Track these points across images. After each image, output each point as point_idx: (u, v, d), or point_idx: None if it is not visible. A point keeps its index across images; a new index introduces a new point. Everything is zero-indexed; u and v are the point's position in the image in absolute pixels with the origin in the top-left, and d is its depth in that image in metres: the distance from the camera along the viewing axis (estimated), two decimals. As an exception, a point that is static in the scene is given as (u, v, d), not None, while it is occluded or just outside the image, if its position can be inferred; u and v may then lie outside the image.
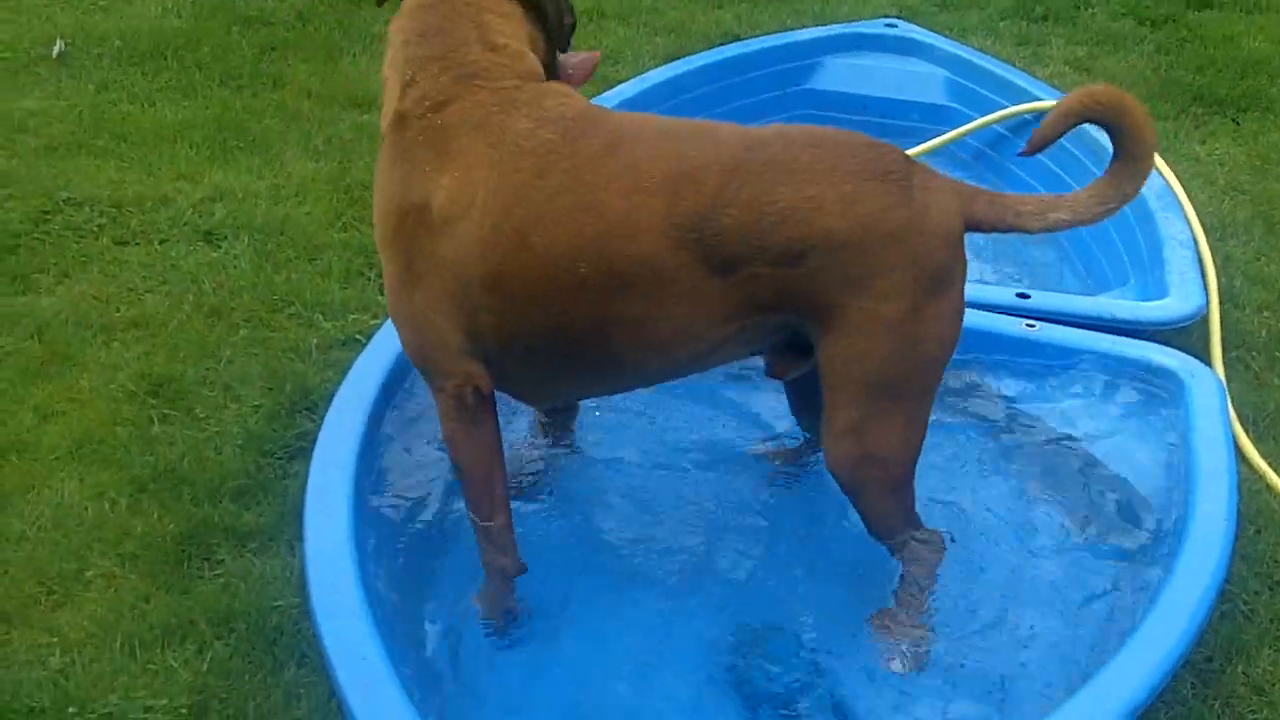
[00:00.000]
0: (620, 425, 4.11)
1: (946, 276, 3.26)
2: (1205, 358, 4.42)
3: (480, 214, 3.17)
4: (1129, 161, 3.35)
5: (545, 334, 3.26)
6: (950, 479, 3.94)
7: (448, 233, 3.20)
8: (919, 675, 3.43)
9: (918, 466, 3.44)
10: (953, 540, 3.64)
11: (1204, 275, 4.79)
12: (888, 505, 3.47)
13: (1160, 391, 4.15)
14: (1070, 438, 4.09)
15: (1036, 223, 3.37)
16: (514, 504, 3.50)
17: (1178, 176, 5.33)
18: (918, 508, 3.51)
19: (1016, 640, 3.52)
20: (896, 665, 3.45)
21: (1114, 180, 3.37)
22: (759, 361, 3.60)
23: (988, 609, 3.59)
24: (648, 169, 3.17)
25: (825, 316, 3.22)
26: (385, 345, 4.07)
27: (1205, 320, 4.63)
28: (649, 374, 3.48)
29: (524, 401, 3.73)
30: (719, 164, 3.18)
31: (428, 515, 3.80)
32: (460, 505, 3.66)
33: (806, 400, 3.76)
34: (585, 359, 3.34)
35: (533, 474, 3.94)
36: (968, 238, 3.32)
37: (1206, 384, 4.07)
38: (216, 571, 3.73)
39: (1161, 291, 4.62)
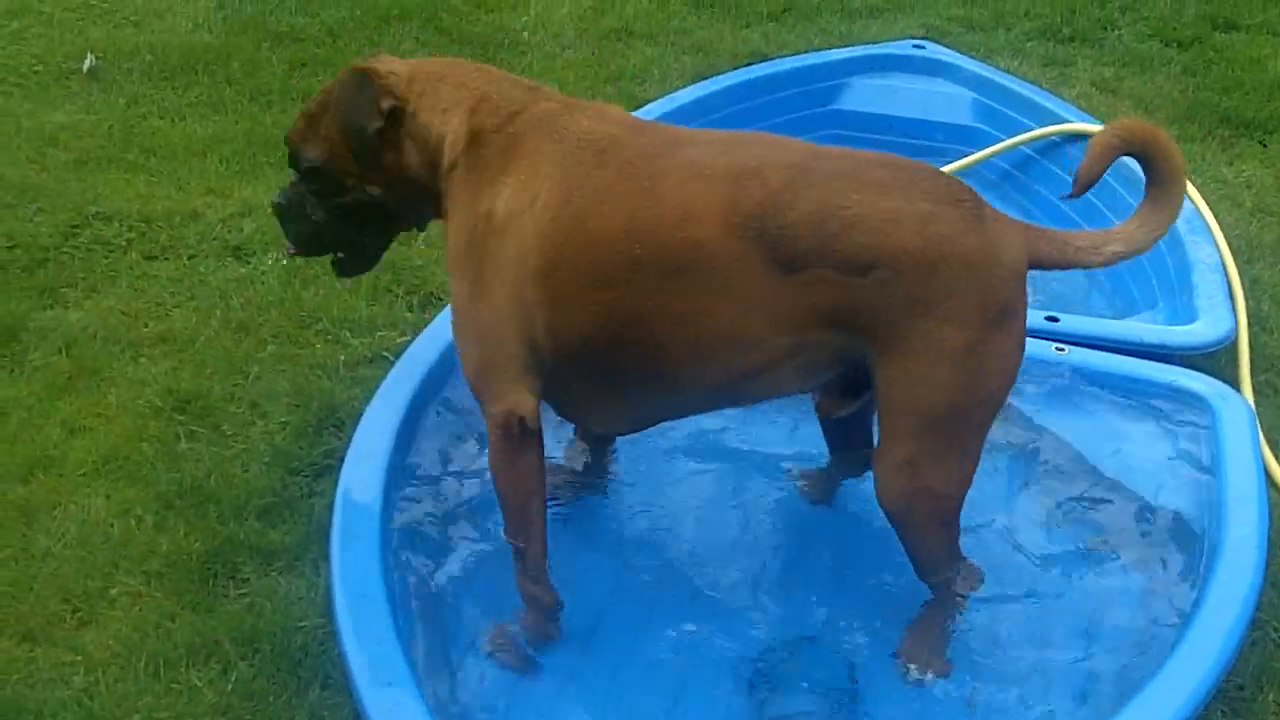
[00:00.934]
0: (645, 442, 4.09)
1: (1011, 310, 3.22)
2: (1234, 382, 4.40)
3: (541, 207, 3.22)
4: (1165, 186, 3.35)
5: (596, 330, 3.25)
6: (977, 504, 3.89)
7: (511, 230, 3.25)
8: (946, 701, 3.42)
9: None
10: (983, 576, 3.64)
11: (1233, 299, 4.77)
12: (937, 539, 3.44)
13: (1189, 416, 4.13)
14: (1099, 463, 4.06)
15: (1096, 258, 3.35)
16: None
17: (1205, 199, 5.31)
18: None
19: (1045, 668, 3.50)
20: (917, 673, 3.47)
21: (1155, 206, 3.36)
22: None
23: (1016, 636, 3.57)
24: (709, 163, 3.20)
25: (887, 339, 3.16)
26: (414, 363, 4.08)
27: (1234, 344, 4.61)
28: (699, 386, 3.39)
29: (580, 423, 3.78)
30: (785, 164, 3.18)
31: (456, 535, 3.80)
32: (490, 524, 3.67)
33: (847, 438, 3.77)
34: (635, 363, 3.31)
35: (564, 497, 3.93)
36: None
37: (1236, 408, 4.06)
38: (242, 590, 3.73)
39: (1190, 316, 4.60)
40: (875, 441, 3.37)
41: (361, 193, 3.56)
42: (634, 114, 4.00)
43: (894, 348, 3.16)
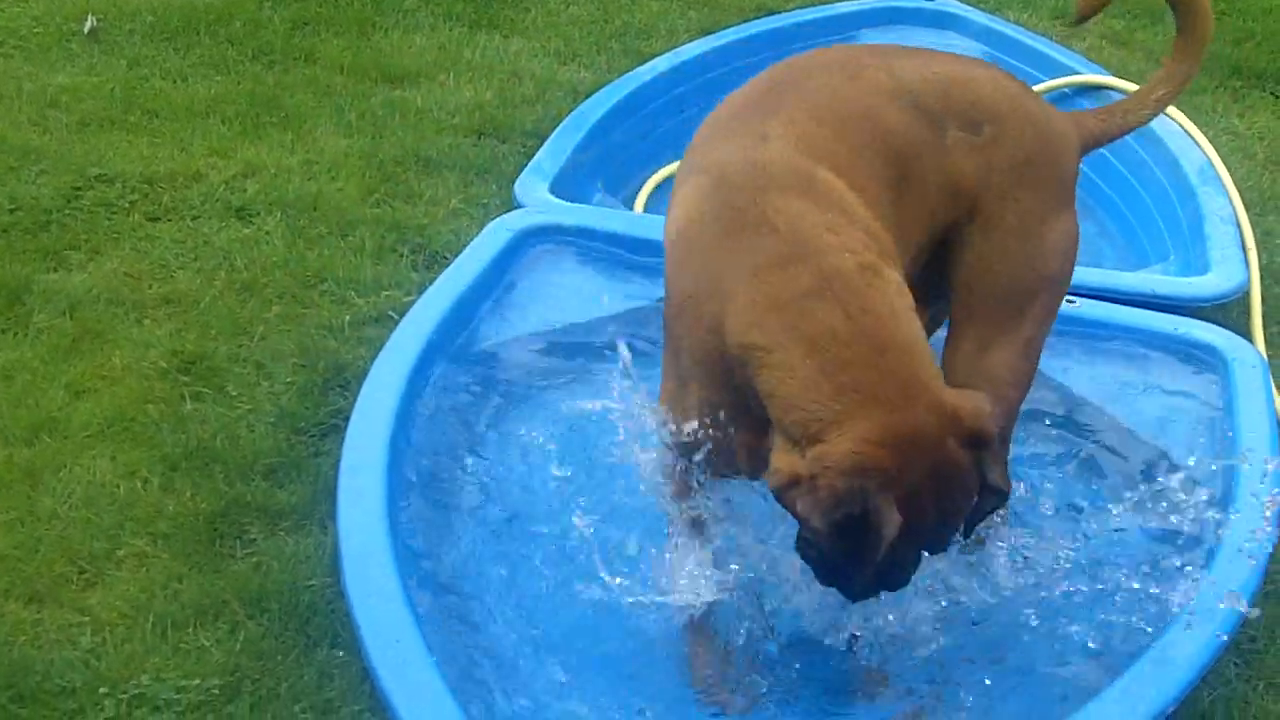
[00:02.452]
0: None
1: (1072, 194, 3.40)
2: (1246, 334, 4.38)
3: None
4: (1192, 17, 3.57)
5: None
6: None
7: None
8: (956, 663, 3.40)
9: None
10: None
11: (1245, 251, 4.74)
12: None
13: (1202, 368, 4.12)
14: (1111, 414, 4.05)
15: (1145, 111, 3.61)
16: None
17: (1217, 151, 5.28)
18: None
19: (1052, 614, 3.48)
20: None
21: (1180, 58, 3.61)
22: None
23: (1032, 584, 3.55)
24: (831, 83, 3.24)
25: (985, 209, 3.26)
26: (419, 322, 4.06)
27: (1246, 296, 4.59)
28: None
29: None
30: (865, 52, 3.51)
31: (462, 493, 3.78)
32: (494, 483, 3.65)
33: None
34: None
35: None
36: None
37: (1249, 360, 4.05)
38: (249, 550, 3.71)
39: (1203, 267, 4.58)
40: (948, 329, 3.42)
41: None
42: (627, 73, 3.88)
43: (987, 218, 3.27)
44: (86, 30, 6.28)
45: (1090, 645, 3.41)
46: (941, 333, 3.45)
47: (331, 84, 6.01)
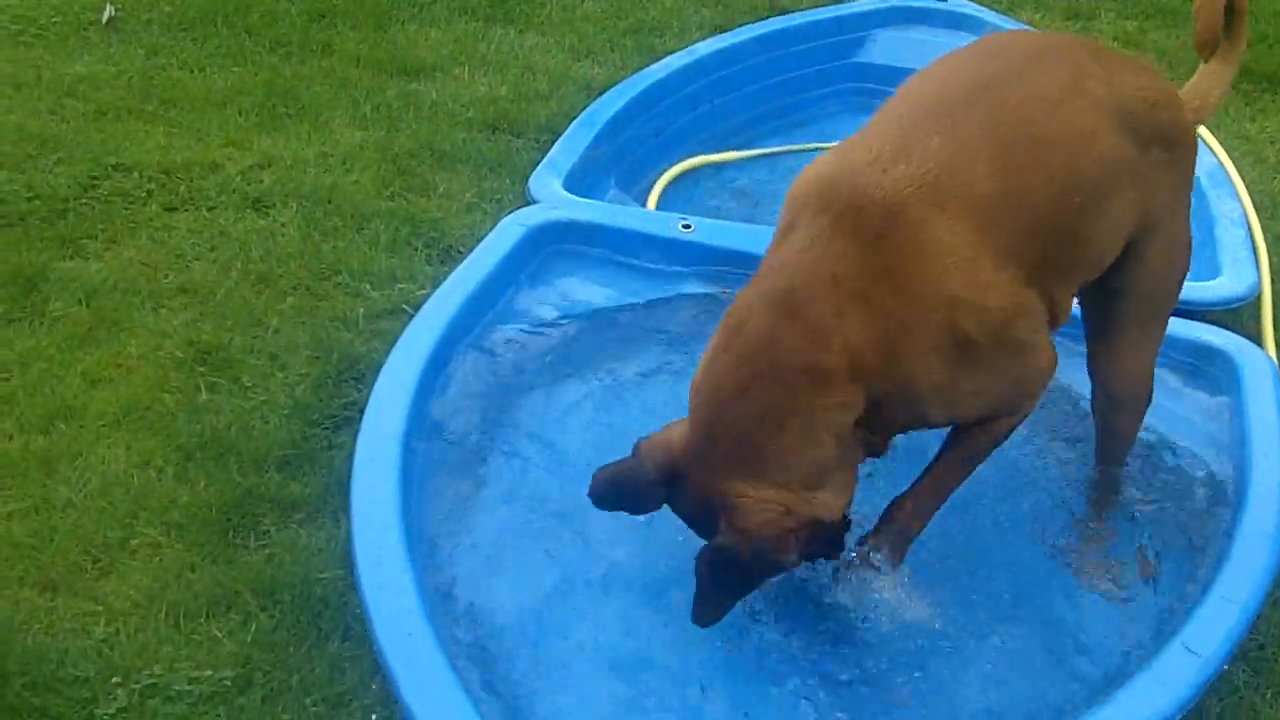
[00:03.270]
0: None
1: None
2: (1257, 338, 4.39)
3: (972, 243, 3.05)
4: (1236, 24, 3.64)
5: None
6: (1001, 458, 3.91)
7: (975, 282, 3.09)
8: (963, 643, 3.42)
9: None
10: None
11: (1256, 254, 4.75)
12: (1138, 424, 3.76)
13: (1212, 372, 4.13)
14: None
15: (1207, 111, 3.63)
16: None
17: (1228, 154, 5.29)
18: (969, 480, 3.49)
19: (1062, 623, 3.51)
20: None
21: (1231, 44, 3.66)
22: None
23: (1038, 592, 3.57)
24: (1040, 87, 3.20)
25: (1158, 221, 3.39)
26: (434, 315, 4.08)
27: (1257, 300, 4.60)
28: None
29: None
30: (1084, 53, 3.32)
31: (476, 485, 3.79)
32: (508, 475, 3.75)
33: None
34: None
35: None
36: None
37: (1259, 364, 4.06)
38: (262, 542, 3.74)
39: (1213, 271, 4.58)
40: (1106, 330, 3.59)
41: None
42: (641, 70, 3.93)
43: (1163, 231, 3.42)
44: (104, 20, 6.30)
45: (1090, 650, 3.43)
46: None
47: (348, 76, 6.03)
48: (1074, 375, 3.82)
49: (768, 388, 3.03)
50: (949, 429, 3.37)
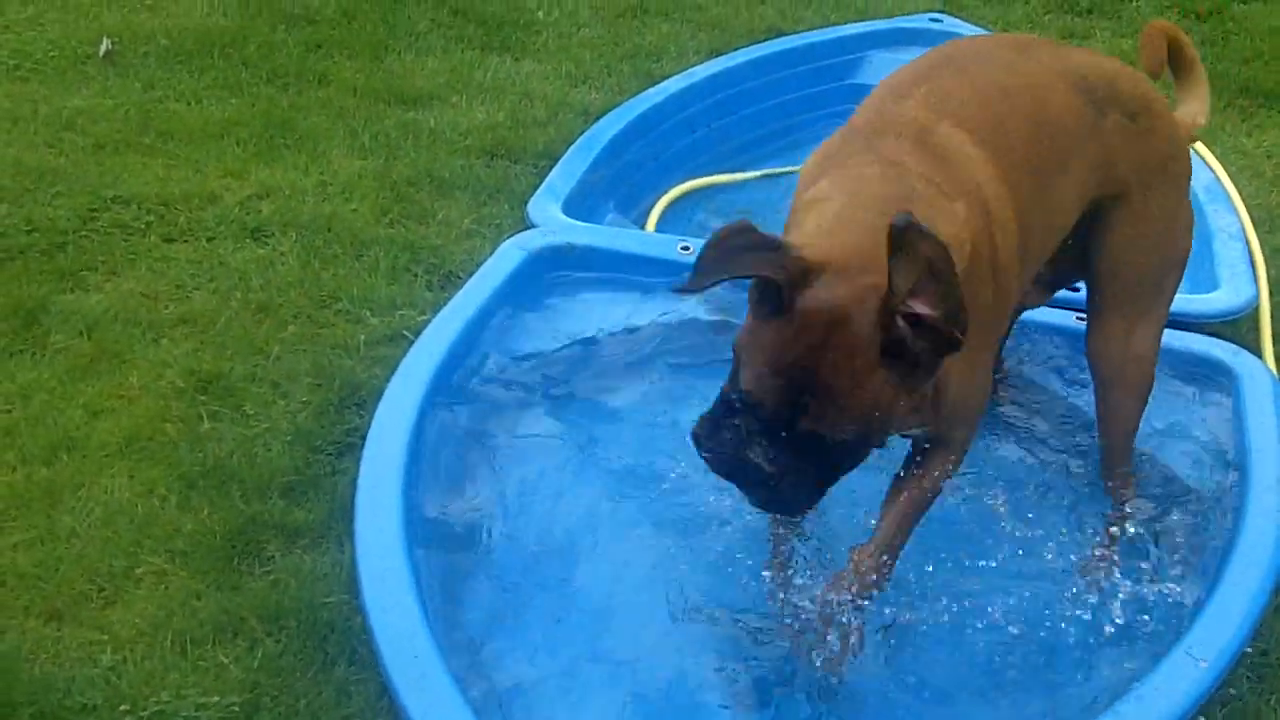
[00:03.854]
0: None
1: (1190, 182, 3.72)
2: (1255, 350, 4.40)
3: (994, 208, 3.17)
4: (1189, 70, 3.89)
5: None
6: (1002, 470, 3.93)
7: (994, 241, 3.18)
8: (968, 652, 3.42)
9: (972, 458, 3.43)
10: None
11: (1254, 267, 4.76)
12: (1135, 414, 3.78)
13: (1211, 384, 4.14)
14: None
15: (1198, 124, 3.85)
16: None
17: (1226, 169, 5.31)
18: (968, 495, 3.51)
19: (1063, 634, 3.51)
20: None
21: (1187, 85, 3.91)
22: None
23: (1039, 601, 3.57)
24: (998, 55, 3.47)
25: (1131, 193, 3.51)
26: (434, 341, 4.09)
27: (1256, 312, 4.60)
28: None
29: None
30: (1027, 40, 3.74)
31: (479, 510, 3.80)
32: (511, 500, 3.72)
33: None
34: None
35: None
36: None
37: (1258, 376, 4.07)
38: (266, 568, 3.74)
39: (1212, 284, 4.60)
40: (1093, 311, 3.68)
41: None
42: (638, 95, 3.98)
43: (1134, 205, 3.53)
44: (101, 53, 6.32)
45: (1090, 659, 3.44)
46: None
47: (345, 106, 6.05)
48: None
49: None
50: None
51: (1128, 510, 3.79)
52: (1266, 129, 6.06)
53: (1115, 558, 3.67)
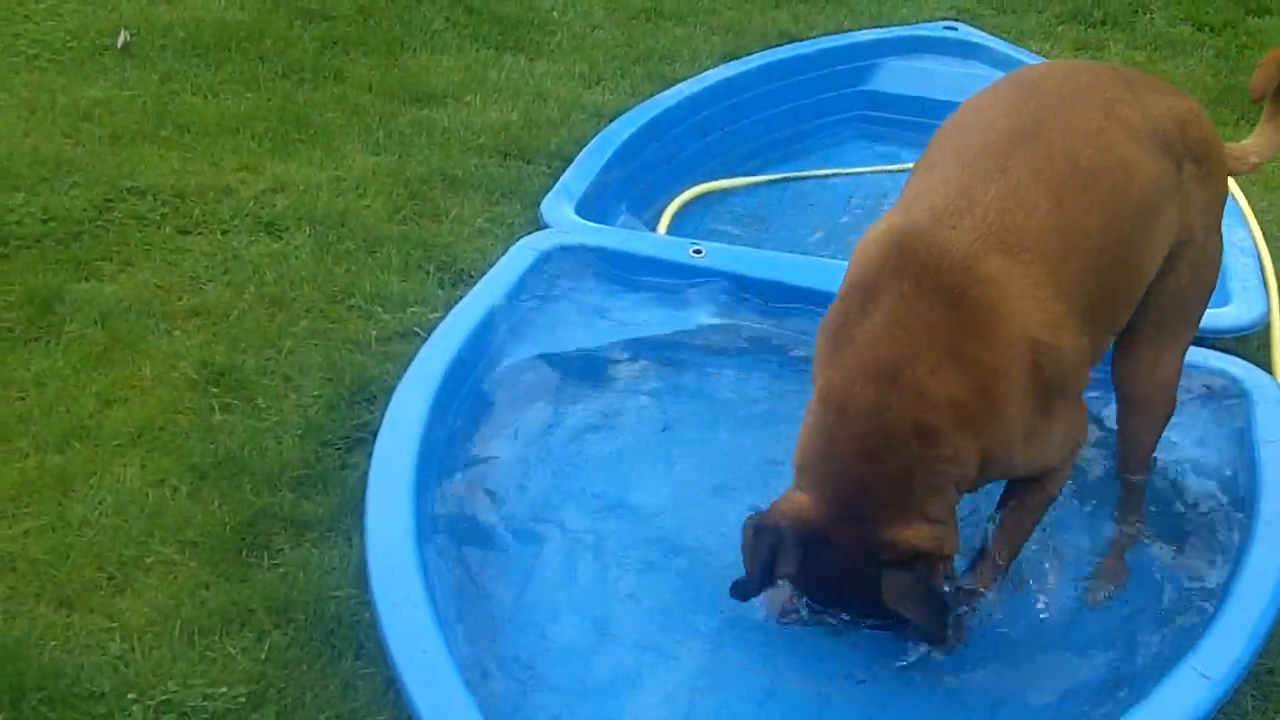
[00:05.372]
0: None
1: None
2: (1266, 366, 4.40)
3: (1036, 280, 3.17)
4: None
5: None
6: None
7: (1055, 341, 3.21)
8: (968, 691, 3.43)
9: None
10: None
11: (1265, 283, 4.77)
12: (1158, 431, 3.82)
13: (1223, 399, 4.13)
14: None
15: (1243, 167, 3.83)
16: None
17: (1238, 183, 5.31)
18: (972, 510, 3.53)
19: (1072, 653, 3.51)
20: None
21: (1272, 130, 3.88)
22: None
23: (1046, 619, 3.58)
24: (1076, 118, 3.34)
25: (1195, 235, 3.52)
26: (446, 338, 4.10)
27: (1267, 328, 4.61)
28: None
29: None
30: (1109, 80, 3.49)
31: (488, 506, 3.81)
32: (520, 495, 3.78)
33: None
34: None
35: None
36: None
37: (1269, 392, 4.06)
38: (275, 560, 3.75)
39: (1223, 299, 4.60)
40: (1129, 336, 3.64)
41: None
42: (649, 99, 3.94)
43: (1196, 248, 3.54)
44: (119, 44, 6.34)
45: (1100, 672, 3.44)
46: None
47: (360, 103, 6.07)
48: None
49: (888, 455, 3.10)
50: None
51: (1137, 523, 3.80)
52: (1279, 144, 6.06)
53: (1123, 570, 3.67)
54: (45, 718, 3.27)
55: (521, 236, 4.74)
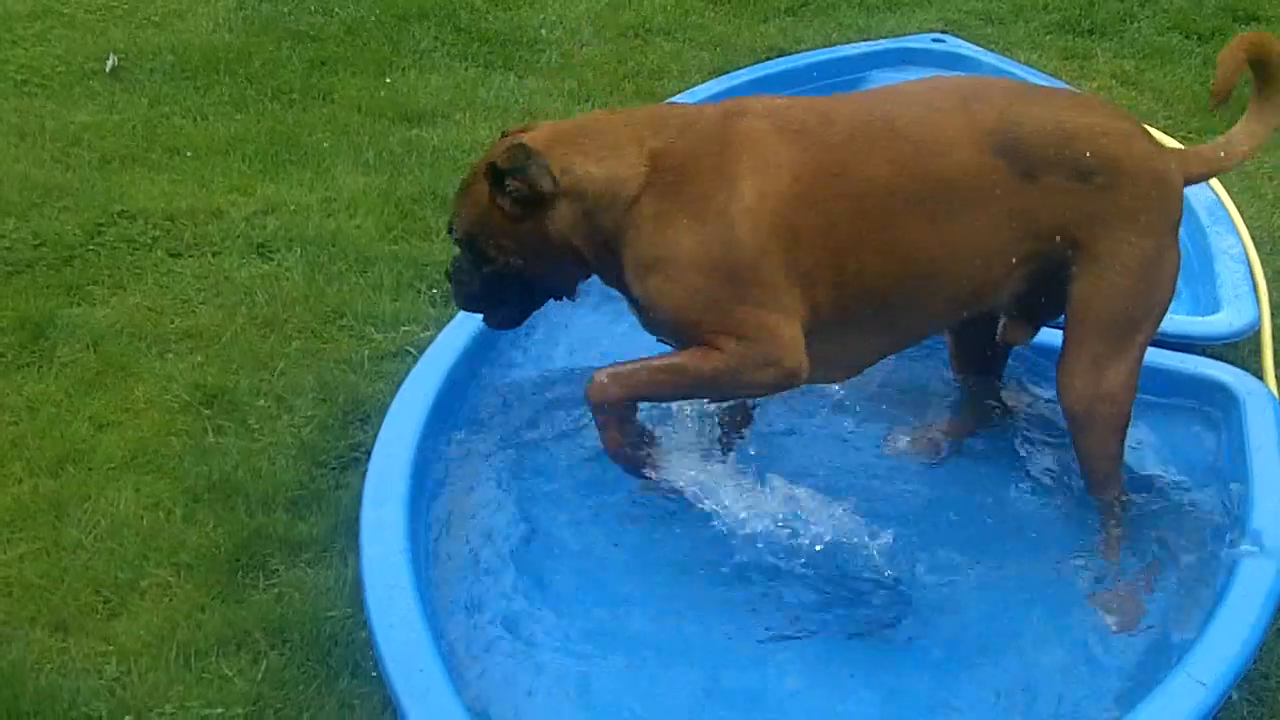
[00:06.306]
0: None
1: (1178, 225, 3.71)
2: (1257, 373, 4.40)
3: (794, 176, 3.45)
4: (1274, 83, 3.82)
5: (876, 273, 3.53)
6: (1004, 492, 3.94)
7: (770, 207, 3.44)
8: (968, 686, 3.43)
9: (974, 478, 3.45)
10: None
11: (1256, 290, 4.77)
12: (1111, 446, 3.78)
13: (1213, 407, 4.14)
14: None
15: (1230, 162, 3.89)
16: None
17: (1227, 190, 5.32)
18: (972, 523, 3.53)
19: (1064, 660, 3.52)
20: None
21: (1265, 102, 3.86)
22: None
23: (1038, 627, 3.58)
24: (929, 98, 3.60)
25: (1093, 248, 3.58)
26: (438, 357, 4.10)
27: (1257, 335, 4.61)
28: (935, 313, 3.74)
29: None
30: (999, 89, 3.75)
31: (482, 524, 3.82)
32: (516, 512, 3.80)
33: (972, 350, 4.12)
34: (887, 298, 3.59)
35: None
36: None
37: (1260, 399, 4.07)
38: (270, 581, 3.75)
39: (1213, 306, 4.61)
40: (1062, 349, 3.72)
41: (505, 264, 3.67)
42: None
43: (1098, 257, 3.59)
44: (108, 69, 6.35)
45: (1090, 680, 3.45)
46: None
47: (349, 123, 6.08)
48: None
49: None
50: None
51: (1122, 531, 3.80)
52: (1268, 150, 6.04)
53: (1116, 578, 3.68)
54: (42, 742, 3.28)
55: (513, 255, 4.73)
